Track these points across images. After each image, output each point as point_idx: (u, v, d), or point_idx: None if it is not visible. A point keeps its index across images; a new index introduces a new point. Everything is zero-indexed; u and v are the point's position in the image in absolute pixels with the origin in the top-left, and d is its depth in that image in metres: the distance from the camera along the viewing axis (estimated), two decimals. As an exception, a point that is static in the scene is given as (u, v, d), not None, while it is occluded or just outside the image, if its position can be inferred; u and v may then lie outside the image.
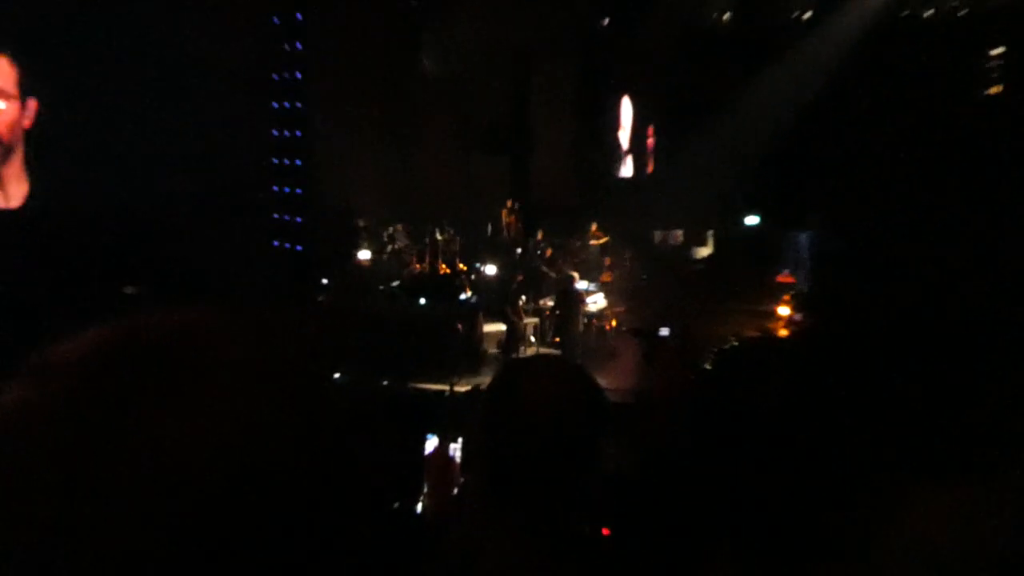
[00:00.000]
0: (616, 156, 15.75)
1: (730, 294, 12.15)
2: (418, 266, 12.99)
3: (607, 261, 13.41)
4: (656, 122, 15.10)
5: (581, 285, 11.12)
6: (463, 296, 11.86)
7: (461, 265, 12.93)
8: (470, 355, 10.28)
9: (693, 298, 11.70)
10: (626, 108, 15.64)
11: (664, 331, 8.10)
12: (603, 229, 13.92)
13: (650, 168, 15.57)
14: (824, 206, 12.39)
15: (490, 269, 12.76)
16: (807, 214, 12.82)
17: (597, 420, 1.09)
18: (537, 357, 1.31)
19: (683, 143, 13.77)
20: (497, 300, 11.32)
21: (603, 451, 1.05)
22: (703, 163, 13.41)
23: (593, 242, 13.74)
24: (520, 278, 11.25)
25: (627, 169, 15.85)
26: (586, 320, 10.79)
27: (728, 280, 12.72)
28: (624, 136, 15.71)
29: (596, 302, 11.59)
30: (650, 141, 15.41)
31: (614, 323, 11.42)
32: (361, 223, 13.32)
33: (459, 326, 10.38)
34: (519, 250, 13.75)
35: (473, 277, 12.71)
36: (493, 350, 10.99)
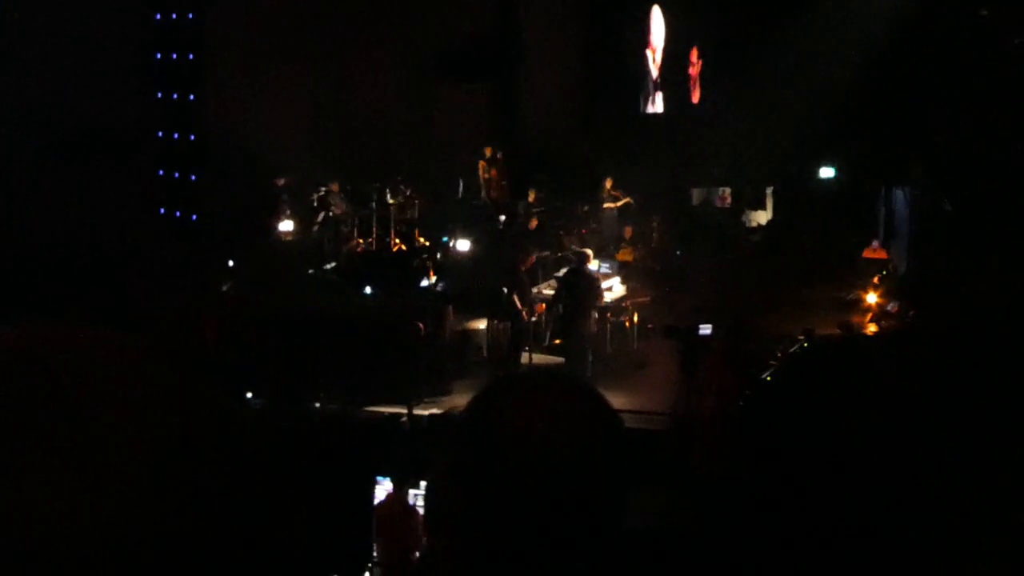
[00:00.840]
0: (642, 87, 15.44)
1: (797, 276, 12.33)
2: (361, 242, 12.96)
3: (627, 232, 13.35)
4: (699, 42, 14.86)
5: (592, 266, 11.14)
6: (425, 282, 11.83)
7: (422, 239, 12.93)
8: (436, 366, 10.29)
9: (746, 282, 11.69)
10: (657, 21, 15.32)
11: (706, 329, 8.21)
12: (622, 187, 13.93)
13: (695, 98, 15.29)
14: (929, 153, 12.37)
15: (462, 244, 12.72)
16: (905, 164, 12.73)
17: (617, 460, 1.09)
18: (532, 371, 1.41)
19: (735, 70, 13.53)
20: (474, 287, 11.41)
21: (626, 503, 1.07)
22: (762, 97, 13.30)
23: (608, 205, 13.76)
24: (532, 258, 11.28)
25: (656, 104, 15.58)
26: (597, 315, 10.82)
27: (794, 256, 12.88)
28: (654, 60, 15.32)
29: (611, 288, 11.58)
30: (692, 68, 15.19)
31: (636, 318, 11.40)
32: (281, 182, 13.22)
33: (420, 325, 10.36)
34: (503, 218, 13.75)
35: (439, 256, 12.70)
36: (469, 357, 11.11)
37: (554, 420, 1.09)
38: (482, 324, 11.24)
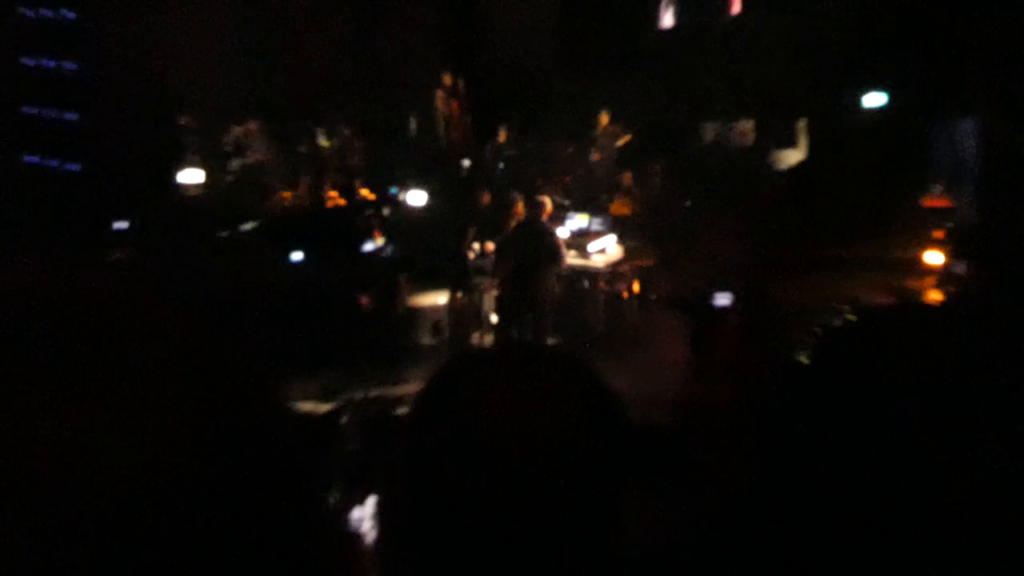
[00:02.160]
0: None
1: (838, 230, 12.36)
2: (288, 195, 13.16)
3: (625, 178, 13.52)
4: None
5: (576, 221, 11.27)
6: (370, 246, 11.85)
7: (365, 191, 13.09)
8: (385, 351, 10.33)
9: (773, 239, 11.90)
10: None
11: (723, 298, 7.93)
12: (619, 122, 14.09)
13: (737, 6, 15.42)
14: (1004, 74, 12.34)
15: (416, 198, 12.89)
16: (975, 90, 12.75)
17: (615, 453, 1.13)
18: (506, 347, 1.37)
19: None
20: (432, 252, 11.69)
21: (627, 510, 1.12)
22: (793, 3, 13.59)
23: (598, 153, 14.07)
24: (487, 196, 11.60)
25: (667, 16, 15.67)
26: (588, 283, 11.07)
27: (834, 205, 12.91)
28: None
29: (604, 250, 11.83)
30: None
31: (636, 287, 11.62)
32: (185, 121, 13.25)
33: (364, 300, 10.44)
34: (466, 163, 13.91)
35: (387, 213, 12.91)
36: (428, 340, 11.34)
37: (534, 401, 1.12)
38: (442, 298, 11.51)
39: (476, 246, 11.81)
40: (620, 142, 14.23)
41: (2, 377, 0.61)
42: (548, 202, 10.97)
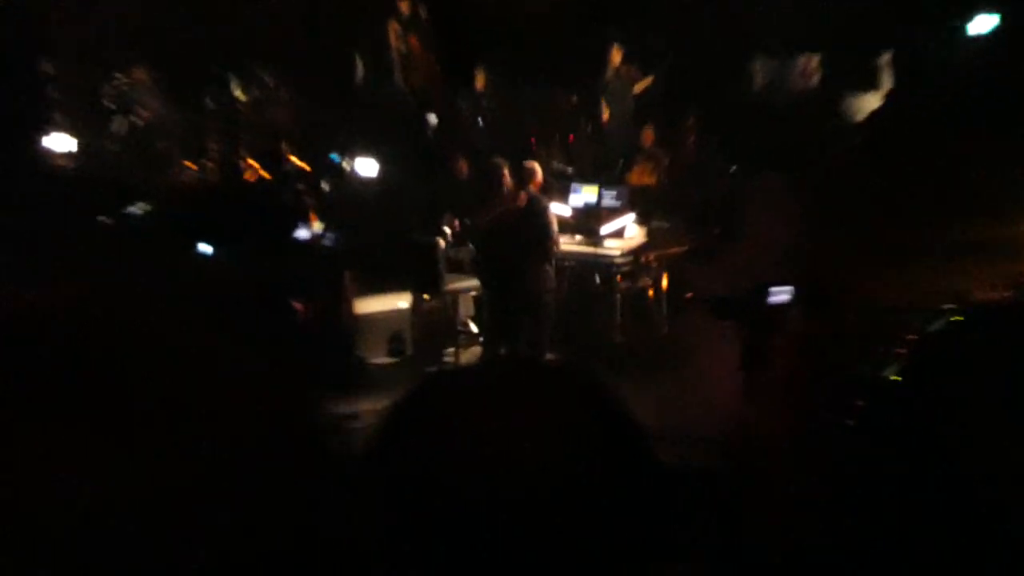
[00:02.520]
0: None
1: (934, 203, 12.56)
2: (193, 167, 13.42)
3: (646, 137, 13.76)
4: None
5: (582, 195, 11.79)
6: (305, 233, 11.87)
7: (296, 160, 13.24)
8: (327, 373, 10.36)
9: (848, 215, 12.13)
10: None
11: (782, 295, 8.64)
12: (637, 60, 14.33)
13: None
14: None
15: (365, 166, 13.20)
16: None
17: (639, 505, 1.18)
18: (492, 363, 1.61)
19: None
20: (389, 240, 12.06)
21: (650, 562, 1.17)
22: None
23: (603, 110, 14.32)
24: (463, 163, 11.80)
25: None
26: (600, 279, 11.36)
27: (928, 170, 13.08)
28: None
29: (621, 233, 12.08)
30: None
31: (665, 283, 11.86)
32: (49, 69, 13.37)
33: (299, 306, 10.50)
34: (432, 117, 14.21)
35: (327, 187, 13.18)
36: (384, 359, 11.64)
37: (529, 432, 1.17)
38: (403, 302, 11.88)
39: (448, 231, 11.95)
40: (639, 87, 14.37)
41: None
42: (537, 169, 11.09)
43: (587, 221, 12.10)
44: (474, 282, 11.48)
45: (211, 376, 0.87)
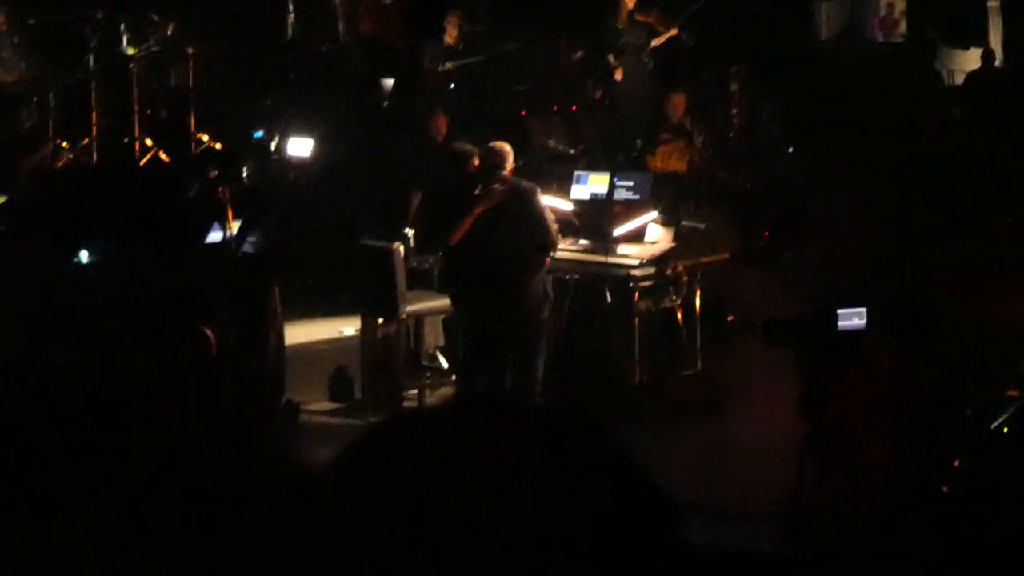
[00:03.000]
0: None
1: None
2: (65, 146, 13.53)
3: (675, 107, 13.90)
4: None
5: (589, 185, 11.83)
6: (217, 235, 11.81)
7: (206, 138, 13.51)
8: (249, 418, 10.39)
9: (944, 209, 12.20)
10: None
11: (854, 318, 8.78)
12: (658, 7, 14.58)
13: None
14: None
15: (298, 146, 13.19)
16: None
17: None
18: (467, 402, 1.67)
19: None
20: (330, 245, 12.25)
21: None
22: None
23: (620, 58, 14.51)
24: (441, 120, 11.86)
25: None
26: (612, 295, 11.37)
27: None
28: None
29: (641, 236, 12.06)
30: None
31: (699, 301, 11.86)
32: None
33: (209, 332, 10.44)
34: (390, 82, 14.35)
35: (246, 173, 13.18)
36: (323, 402, 11.65)
37: (516, 495, 1.20)
38: (350, 327, 11.99)
39: (411, 232, 11.96)
40: (658, 41, 14.48)
41: None
42: (507, 152, 11.17)
43: (595, 220, 12.06)
44: (444, 301, 11.48)
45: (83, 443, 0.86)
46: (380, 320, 11.60)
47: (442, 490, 1.20)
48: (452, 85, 13.77)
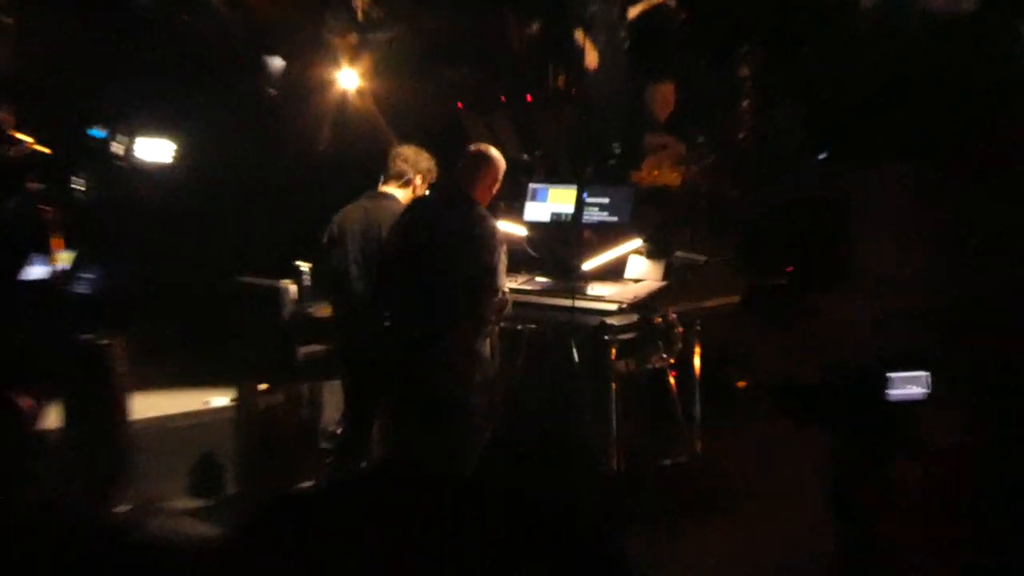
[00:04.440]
0: None
1: None
2: None
3: (662, 101, 14.09)
4: None
5: (549, 204, 12.01)
6: (39, 269, 12.19)
7: (26, 137, 13.02)
8: (87, 519, 10.42)
9: None
10: None
11: (911, 383, 8.92)
12: None
13: None
14: None
15: (152, 149, 13.05)
16: None
17: None
18: (379, 477, 1.84)
19: None
20: (196, 278, 12.35)
21: None
22: None
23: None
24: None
25: None
26: (579, 352, 11.32)
27: None
28: None
29: (621, 270, 12.25)
30: None
31: (698, 359, 11.96)
32: None
33: (24, 398, 10.39)
34: (277, 61, 14.47)
35: (80, 188, 13.01)
36: (181, 502, 11.58)
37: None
38: (220, 397, 12.10)
39: (306, 267, 12.09)
40: (638, 9, 14.71)
41: None
42: (424, 163, 11.25)
43: (557, 250, 12.25)
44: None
45: None
46: (263, 386, 11.60)
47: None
48: (362, 69, 13.66)
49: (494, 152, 10.63)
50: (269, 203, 12.45)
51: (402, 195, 11.15)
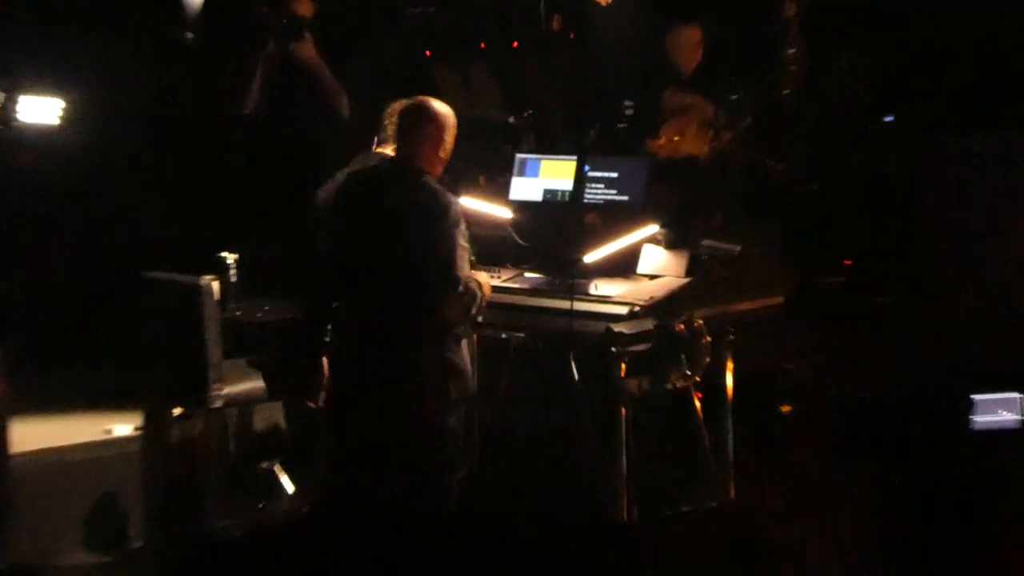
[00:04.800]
0: None
1: None
2: None
3: (688, 51, 13.55)
4: None
5: (540, 180, 11.30)
6: None
7: None
8: None
9: None
10: None
11: (999, 411, 8.97)
12: None
13: None
14: None
15: (38, 107, 12.52)
16: None
17: None
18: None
19: None
20: (95, 278, 11.89)
21: None
22: None
23: None
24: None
25: None
26: (579, 371, 10.67)
27: None
28: None
29: (633, 264, 11.53)
30: None
31: (731, 379, 11.25)
32: None
33: None
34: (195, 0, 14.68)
35: None
36: (73, 557, 10.93)
37: None
38: (123, 424, 11.14)
39: (232, 259, 11.49)
40: None
41: None
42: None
43: (551, 238, 11.59)
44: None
45: None
46: (178, 410, 10.85)
47: None
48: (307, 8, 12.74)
49: (437, 105, 9.86)
50: (185, 179, 12.06)
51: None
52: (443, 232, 9.35)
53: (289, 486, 10.99)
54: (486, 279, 9.85)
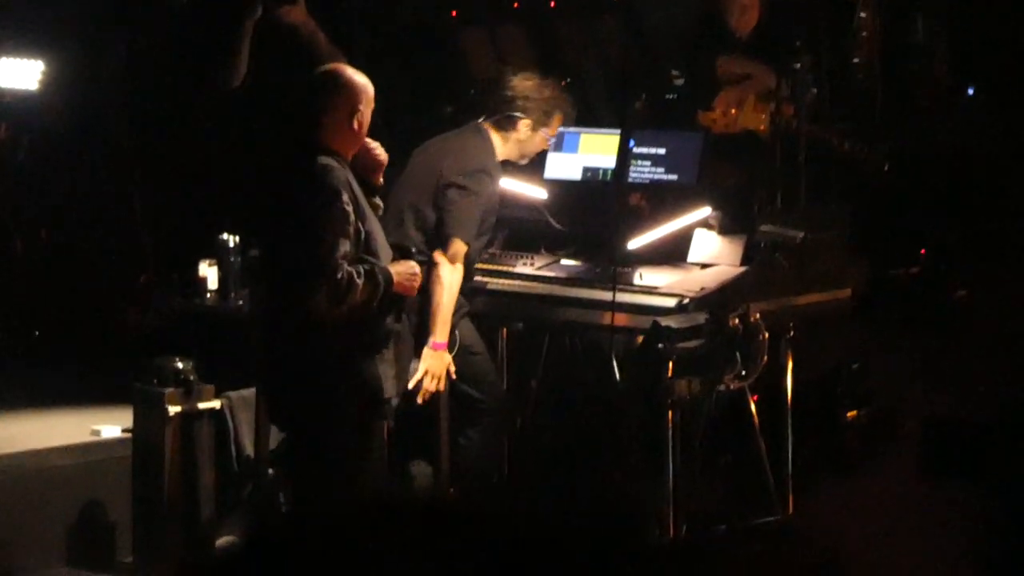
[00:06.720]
0: None
1: None
2: None
3: (745, 14, 13.10)
4: None
5: (576, 156, 10.99)
6: None
7: None
8: None
9: None
10: None
11: None
12: None
13: None
14: None
15: (15, 73, 12.49)
16: None
17: None
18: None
19: None
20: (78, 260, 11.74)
21: None
22: None
23: None
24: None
25: None
26: (620, 371, 10.43)
27: None
28: None
29: (683, 253, 11.19)
30: None
31: (791, 381, 11.03)
32: None
33: None
34: None
35: None
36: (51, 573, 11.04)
37: None
38: (112, 424, 10.89)
39: (231, 240, 11.21)
40: None
41: None
42: (538, 94, 10.52)
43: (591, 221, 11.27)
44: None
45: None
46: (176, 408, 10.34)
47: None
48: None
49: (348, 72, 9.57)
50: (181, 153, 11.53)
51: (499, 141, 10.38)
52: (312, 210, 9.04)
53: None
54: (405, 271, 9.36)
